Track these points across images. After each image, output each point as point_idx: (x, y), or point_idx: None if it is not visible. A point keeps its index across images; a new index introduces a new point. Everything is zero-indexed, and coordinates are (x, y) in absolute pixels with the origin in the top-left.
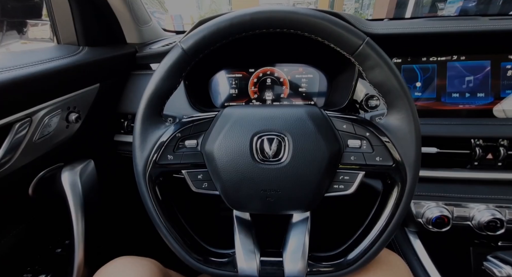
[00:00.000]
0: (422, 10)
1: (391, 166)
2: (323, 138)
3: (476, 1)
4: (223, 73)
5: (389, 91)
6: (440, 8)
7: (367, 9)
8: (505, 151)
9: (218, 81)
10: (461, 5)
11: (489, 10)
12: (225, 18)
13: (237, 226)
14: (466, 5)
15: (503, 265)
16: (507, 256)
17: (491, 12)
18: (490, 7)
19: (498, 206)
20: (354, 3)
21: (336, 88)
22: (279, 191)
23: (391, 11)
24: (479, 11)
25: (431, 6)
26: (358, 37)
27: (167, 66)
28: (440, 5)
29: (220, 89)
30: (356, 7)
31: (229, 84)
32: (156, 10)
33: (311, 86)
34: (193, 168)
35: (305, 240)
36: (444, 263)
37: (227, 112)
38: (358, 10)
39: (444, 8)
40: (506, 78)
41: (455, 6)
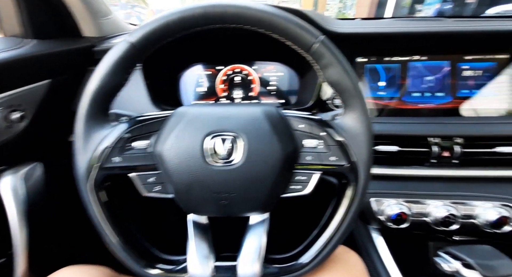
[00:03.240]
0: (401, 11)
1: (345, 166)
2: (278, 138)
3: (452, 4)
4: (191, 70)
5: (343, 90)
6: (418, 10)
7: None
8: (460, 149)
9: (186, 79)
10: (438, 7)
11: (464, 12)
12: (176, 10)
13: (192, 230)
14: (442, 7)
15: (453, 260)
16: (457, 252)
17: (466, 14)
18: (465, 9)
19: (453, 202)
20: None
21: (306, 87)
22: (233, 193)
23: (372, 11)
24: (455, 13)
25: (410, 8)
26: (312, 35)
27: (112, 60)
28: (419, 6)
29: (187, 87)
30: (340, 7)
31: (197, 82)
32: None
33: (281, 84)
34: (144, 170)
35: (262, 243)
36: (404, 258)
37: (180, 111)
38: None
39: (422, 9)
40: (463, 78)
41: (432, 7)
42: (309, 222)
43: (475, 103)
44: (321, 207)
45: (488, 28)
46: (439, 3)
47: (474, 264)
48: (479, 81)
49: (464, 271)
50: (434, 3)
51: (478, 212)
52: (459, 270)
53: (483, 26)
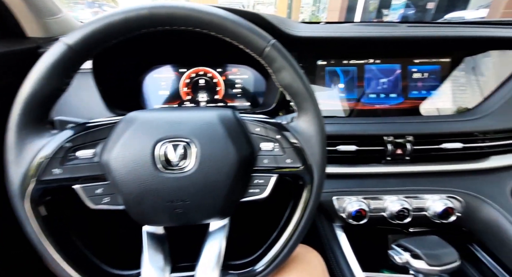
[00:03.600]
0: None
1: (300, 168)
2: (233, 142)
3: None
4: (154, 72)
5: (296, 93)
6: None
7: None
8: (411, 146)
9: (149, 82)
10: (402, 12)
11: (425, 17)
12: (120, 11)
13: (147, 242)
14: (406, 12)
15: (403, 252)
16: (407, 244)
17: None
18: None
19: (406, 196)
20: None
21: (270, 89)
22: (188, 201)
23: (342, 15)
24: (417, 17)
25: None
26: (263, 39)
27: (47, 64)
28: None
29: (151, 90)
30: (313, 10)
31: (160, 85)
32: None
33: (246, 87)
34: (90, 181)
35: (221, 250)
36: (366, 253)
37: (130, 116)
38: (315, 13)
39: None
40: (412, 80)
41: (397, 12)
42: (269, 225)
43: (423, 103)
44: (278, 210)
45: (433, 34)
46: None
47: (421, 254)
48: (426, 82)
49: (413, 261)
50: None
51: (428, 205)
52: (408, 261)
53: (430, 32)
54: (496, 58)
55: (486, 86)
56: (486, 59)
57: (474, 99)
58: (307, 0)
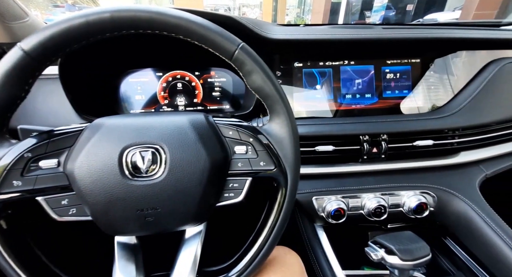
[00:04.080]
0: (352, 17)
1: (273, 170)
2: (205, 146)
3: (394, 11)
4: (130, 77)
5: (267, 96)
6: (367, 16)
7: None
8: (385, 144)
9: (124, 87)
10: (383, 14)
11: (405, 19)
12: (80, 14)
13: (118, 252)
14: (387, 14)
15: (378, 248)
16: (382, 240)
17: (406, 20)
18: (405, 16)
19: (382, 194)
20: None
21: (248, 92)
22: (158, 209)
23: (326, 17)
24: (397, 19)
25: (360, 14)
26: (232, 42)
27: (2, 71)
28: (367, 13)
29: (127, 95)
30: (298, 12)
31: (136, 90)
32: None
33: (226, 89)
34: (54, 193)
35: (196, 256)
36: (347, 250)
37: (96, 123)
38: (300, 15)
39: (370, 16)
40: (386, 80)
41: (379, 14)
42: (246, 229)
43: (397, 103)
44: (259, 213)
45: (404, 36)
46: (384, 11)
47: (395, 250)
48: (399, 83)
49: (387, 257)
50: (379, 10)
51: (403, 201)
52: (384, 257)
53: (401, 34)
54: (465, 59)
55: (456, 86)
56: (456, 60)
57: (444, 98)
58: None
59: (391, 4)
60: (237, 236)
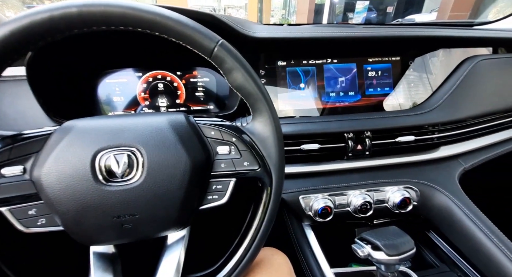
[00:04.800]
0: (336, 18)
1: (257, 170)
2: (185, 148)
3: (376, 13)
4: (108, 78)
5: (249, 94)
6: (350, 17)
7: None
8: (369, 141)
9: (102, 88)
10: (365, 15)
11: (385, 20)
12: (44, 9)
13: (94, 263)
14: (369, 16)
15: (365, 245)
16: (368, 236)
17: (387, 21)
18: (386, 17)
19: (368, 190)
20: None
21: (232, 92)
22: (137, 215)
23: (310, 17)
24: (379, 20)
25: (343, 15)
26: (211, 39)
27: None
28: (350, 14)
29: (104, 97)
30: (283, 14)
31: (114, 91)
32: None
33: (209, 89)
34: (20, 202)
35: (179, 263)
36: (335, 248)
37: (65, 126)
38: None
39: (353, 17)
40: (368, 78)
41: (361, 16)
42: (231, 231)
43: (379, 100)
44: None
45: (384, 34)
46: (365, 12)
47: (380, 245)
48: (380, 80)
49: (373, 253)
50: (362, 12)
51: (387, 196)
52: (370, 253)
53: (382, 32)
54: (442, 57)
55: (434, 83)
56: (433, 59)
57: (424, 95)
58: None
59: (372, 6)
60: (222, 239)
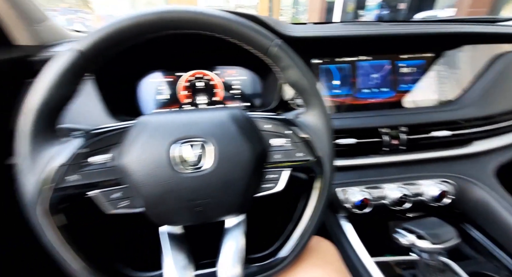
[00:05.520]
0: (347, 15)
1: (311, 160)
2: (247, 139)
3: (388, 10)
4: (151, 77)
5: (303, 90)
6: (361, 15)
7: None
8: (405, 136)
9: (145, 87)
10: (377, 12)
11: (398, 17)
12: (130, 16)
13: (168, 242)
14: (381, 13)
15: (408, 234)
16: (411, 226)
17: (399, 18)
18: (398, 14)
19: (404, 183)
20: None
21: (268, 89)
22: (207, 199)
23: (322, 16)
24: (391, 17)
25: (354, 13)
26: (268, 39)
27: (57, 71)
28: (361, 12)
29: (147, 95)
30: (293, 12)
31: (158, 89)
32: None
33: (245, 87)
34: (107, 186)
35: (240, 244)
36: (370, 239)
37: (142, 120)
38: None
39: (364, 15)
40: (401, 74)
41: (373, 13)
42: (281, 218)
43: (412, 96)
44: (291, 203)
45: (417, 31)
46: (377, 9)
47: (425, 234)
48: (414, 76)
49: (417, 242)
50: (373, 9)
51: (424, 190)
52: (414, 242)
53: (414, 29)
54: (469, 53)
55: (463, 78)
56: (461, 53)
57: (455, 90)
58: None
59: (384, 3)
60: (273, 224)
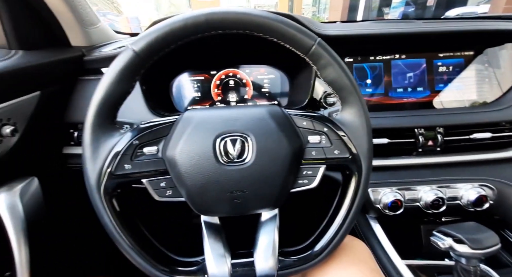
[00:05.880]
0: (371, 14)
1: (348, 158)
2: (285, 135)
3: (414, 7)
4: (184, 76)
5: (341, 88)
6: (385, 13)
7: (324, 13)
8: (441, 137)
9: (180, 85)
10: (403, 10)
11: (425, 14)
12: (179, 18)
13: (206, 231)
14: (406, 10)
15: (445, 238)
16: (448, 230)
17: (427, 16)
18: (425, 11)
19: (439, 186)
20: (311, 7)
21: (297, 88)
22: (246, 192)
23: (344, 14)
24: (417, 15)
25: (378, 11)
26: (310, 38)
27: (117, 69)
28: (386, 9)
29: (181, 92)
30: (314, 11)
31: (191, 87)
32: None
33: (273, 86)
34: (155, 176)
35: (275, 237)
36: (400, 242)
37: (187, 115)
38: (316, 14)
39: (389, 12)
40: (438, 73)
41: (398, 10)
42: (314, 214)
43: (450, 96)
44: (324, 199)
45: (457, 28)
46: (403, 7)
47: (464, 239)
48: (451, 76)
49: (456, 246)
50: (399, 6)
51: (461, 194)
52: (452, 246)
53: (454, 26)
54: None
55: (503, 78)
56: (503, 52)
57: (494, 90)
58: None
59: (410, 0)
60: (303, 220)
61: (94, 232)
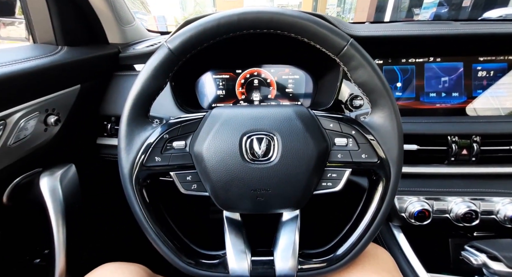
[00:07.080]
0: (400, 14)
1: (376, 163)
2: (311, 136)
3: (447, 7)
4: (210, 74)
5: (372, 90)
6: (416, 13)
7: (349, 13)
8: (478, 147)
9: (205, 82)
10: (435, 10)
11: (459, 16)
12: (212, 18)
13: (228, 226)
14: (439, 11)
15: (479, 253)
16: (482, 245)
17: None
18: (460, 12)
19: (473, 198)
20: (336, 7)
21: (322, 89)
22: (269, 190)
23: (371, 15)
24: (450, 16)
25: (407, 11)
26: (342, 38)
27: (153, 66)
28: (416, 10)
29: (207, 90)
30: (338, 11)
31: (216, 85)
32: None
33: (297, 87)
34: (182, 169)
35: (295, 238)
36: (425, 254)
37: (215, 112)
38: (340, 14)
39: (419, 13)
40: (477, 78)
41: (429, 11)
42: (336, 218)
43: (488, 103)
44: (346, 204)
45: (500, 31)
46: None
47: (500, 256)
48: (492, 81)
49: (490, 263)
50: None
51: (497, 208)
52: (486, 263)
53: (495, 29)
54: None
55: None
56: None
57: None
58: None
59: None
60: (326, 223)
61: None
